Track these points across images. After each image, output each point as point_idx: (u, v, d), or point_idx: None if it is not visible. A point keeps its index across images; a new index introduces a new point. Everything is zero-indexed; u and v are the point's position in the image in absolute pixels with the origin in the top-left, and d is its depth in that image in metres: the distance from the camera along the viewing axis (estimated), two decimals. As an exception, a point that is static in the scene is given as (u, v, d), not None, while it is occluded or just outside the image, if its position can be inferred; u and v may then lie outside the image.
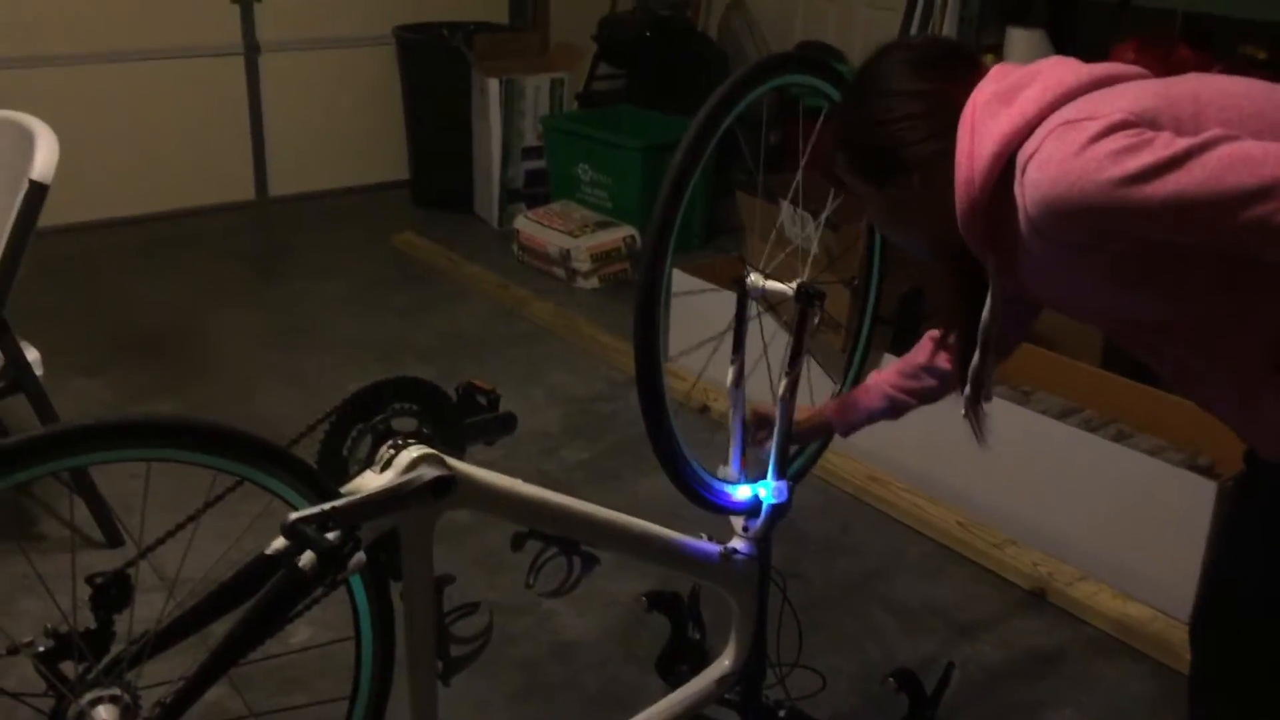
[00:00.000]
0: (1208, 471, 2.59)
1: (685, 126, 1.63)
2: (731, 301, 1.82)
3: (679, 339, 2.21)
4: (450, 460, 1.42)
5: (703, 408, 3.36)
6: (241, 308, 4.22)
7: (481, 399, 1.56)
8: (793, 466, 2.01)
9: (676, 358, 1.80)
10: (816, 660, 2.27)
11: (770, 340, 1.88)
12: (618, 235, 4.54)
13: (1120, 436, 2.77)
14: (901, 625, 2.56)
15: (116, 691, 1.22)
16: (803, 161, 1.78)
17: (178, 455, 1.23)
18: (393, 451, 1.40)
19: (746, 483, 1.86)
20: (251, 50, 5.08)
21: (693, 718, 1.95)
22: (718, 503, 1.84)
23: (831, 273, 2.11)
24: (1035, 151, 1.25)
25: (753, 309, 1.84)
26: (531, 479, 1.58)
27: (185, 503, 1.33)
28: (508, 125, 4.93)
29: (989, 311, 1.45)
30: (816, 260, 1.86)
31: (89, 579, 1.25)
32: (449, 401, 1.51)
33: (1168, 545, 2.50)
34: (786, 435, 1.84)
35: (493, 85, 4.85)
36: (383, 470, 1.39)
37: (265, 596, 1.26)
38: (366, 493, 1.34)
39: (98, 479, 2.66)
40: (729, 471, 1.86)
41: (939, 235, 1.41)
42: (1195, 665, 1.53)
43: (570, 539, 1.65)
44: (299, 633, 2.10)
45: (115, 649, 1.25)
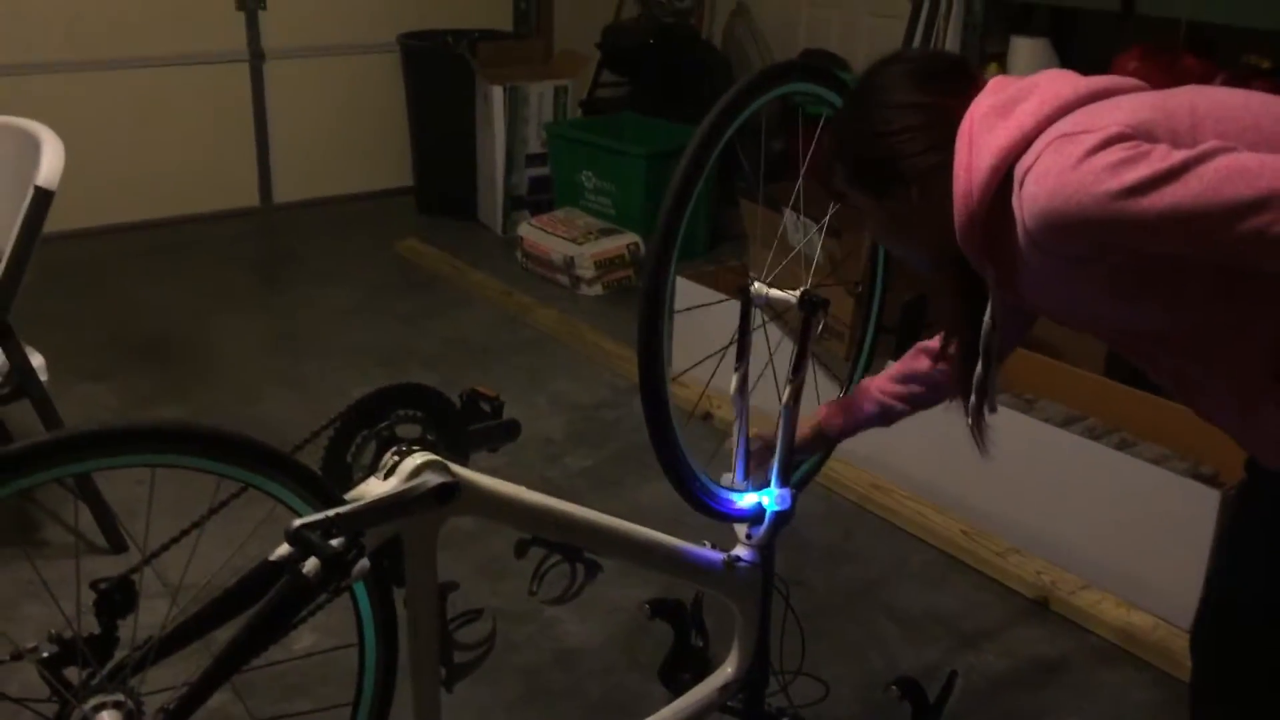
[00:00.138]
0: (1211, 480, 2.59)
1: (689, 134, 1.63)
2: (736, 311, 1.82)
3: (683, 346, 2.21)
4: (454, 467, 1.42)
5: (706, 415, 3.36)
6: (246, 314, 4.23)
7: (485, 406, 1.57)
8: (796, 474, 2.01)
9: (681, 375, 1.80)
10: (819, 668, 2.27)
11: (775, 348, 1.88)
12: (621, 242, 4.54)
13: (1123, 445, 2.76)
14: (904, 633, 2.56)
15: (120, 697, 1.22)
16: (803, 169, 1.78)
17: (182, 461, 1.23)
18: (397, 458, 1.40)
19: (750, 490, 1.86)
20: (256, 57, 5.09)
21: (695, 726, 1.95)
22: (721, 510, 1.84)
23: (834, 279, 2.11)
24: (1033, 164, 1.25)
25: (758, 317, 1.84)
26: (535, 486, 1.58)
27: (189, 508, 1.33)
28: (512, 132, 4.94)
29: (989, 321, 1.45)
30: (820, 267, 1.86)
31: (93, 585, 1.25)
32: (453, 408, 1.52)
33: (1171, 554, 2.49)
34: (790, 442, 1.84)
35: (497, 92, 4.86)
36: (387, 477, 1.39)
37: (269, 603, 1.26)
38: (370, 499, 1.34)
39: (102, 484, 2.66)
40: (732, 479, 1.86)
41: (938, 247, 1.41)
42: (1196, 673, 1.53)
43: (573, 546, 1.65)
44: (302, 639, 2.11)
45: (119, 655, 1.25)
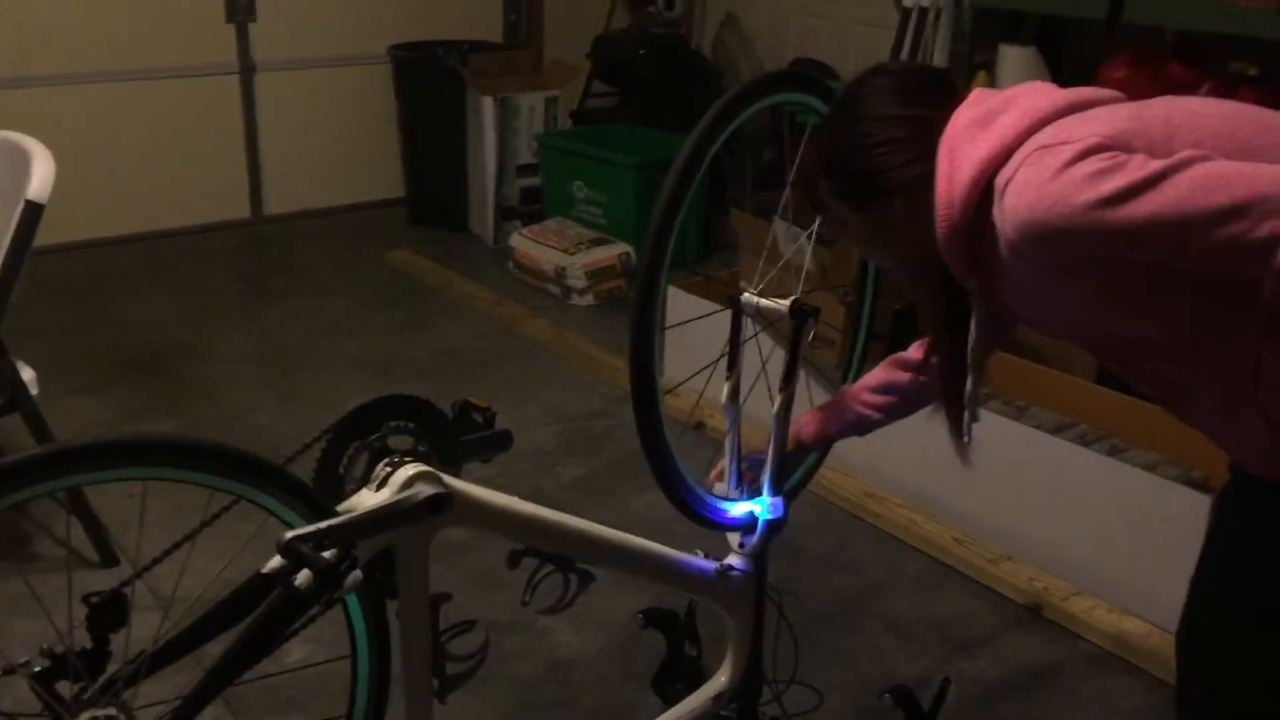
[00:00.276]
0: (1202, 486, 2.59)
1: (679, 144, 1.64)
2: (727, 321, 1.82)
3: (675, 356, 2.21)
4: (446, 478, 1.42)
5: (698, 424, 3.36)
6: (237, 326, 4.22)
7: (477, 416, 1.57)
8: (788, 482, 2.01)
9: (675, 388, 1.80)
10: (813, 677, 2.27)
11: (768, 358, 1.89)
12: (613, 252, 4.55)
13: (1115, 451, 2.77)
14: (898, 641, 2.56)
15: (112, 711, 1.22)
16: (790, 178, 1.79)
17: (173, 474, 1.23)
18: (389, 469, 1.40)
19: (743, 499, 1.87)
20: (247, 70, 5.09)
21: (690, 735, 1.95)
22: (714, 519, 1.84)
23: (824, 287, 2.12)
24: (1013, 176, 1.27)
25: (749, 326, 1.85)
26: (527, 496, 1.58)
27: (181, 522, 1.33)
28: (503, 143, 4.95)
29: (975, 334, 1.46)
30: (810, 276, 1.86)
31: (85, 598, 1.25)
32: (445, 419, 1.52)
33: (1163, 559, 2.49)
34: (782, 451, 1.84)
35: (488, 103, 4.86)
36: (379, 488, 1.39)
37: (261, 615, 1.26)
38: (363, 511, 1.34)
39: (93, 498, 2.65)
40: (725, 488, 1.86)
41: (920, 258, 1.42)
42: (1181, 675, 1.54)
43: (566, 556, 1.65)
44: (295, 651, 2.10)
45: (111, 669, 1.25)
